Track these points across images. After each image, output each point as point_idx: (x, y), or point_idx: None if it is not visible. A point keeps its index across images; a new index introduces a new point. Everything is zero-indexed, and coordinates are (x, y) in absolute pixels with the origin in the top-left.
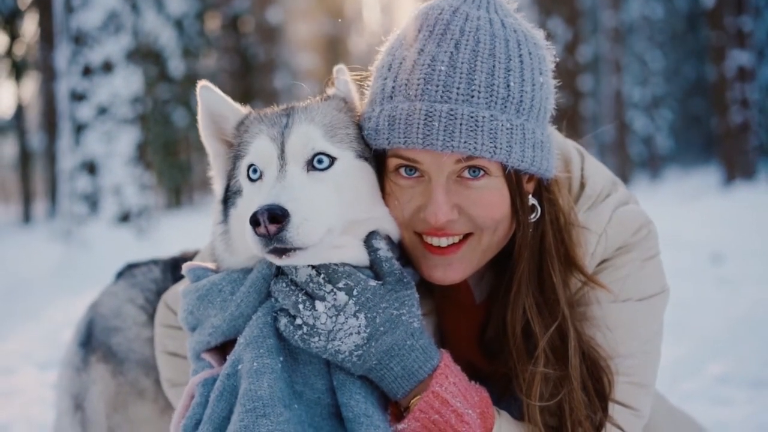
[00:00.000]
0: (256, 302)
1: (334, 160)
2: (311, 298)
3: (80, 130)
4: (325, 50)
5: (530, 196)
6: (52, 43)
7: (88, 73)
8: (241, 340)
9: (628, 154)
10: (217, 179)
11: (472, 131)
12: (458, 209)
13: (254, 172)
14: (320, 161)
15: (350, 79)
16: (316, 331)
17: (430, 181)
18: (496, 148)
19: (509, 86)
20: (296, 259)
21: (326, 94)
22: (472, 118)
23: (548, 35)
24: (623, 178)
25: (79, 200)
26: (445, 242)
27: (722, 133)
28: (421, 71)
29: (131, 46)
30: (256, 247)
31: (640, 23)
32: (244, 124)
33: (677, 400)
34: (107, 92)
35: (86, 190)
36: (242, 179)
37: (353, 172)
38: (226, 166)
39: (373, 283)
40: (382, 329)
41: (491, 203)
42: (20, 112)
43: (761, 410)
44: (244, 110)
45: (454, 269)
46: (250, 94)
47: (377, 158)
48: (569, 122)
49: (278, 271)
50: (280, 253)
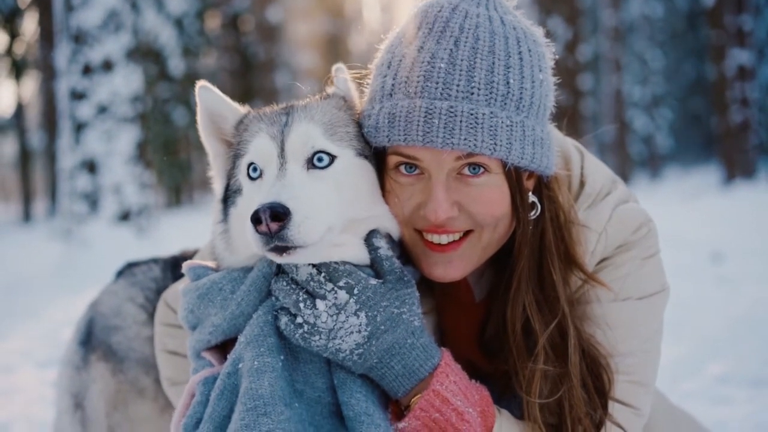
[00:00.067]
0: (256, 301)
1: (334, 158)
2: (312, 296)
3: (80, 128)
4: (325, 49)
5: (530, 193)
6: (52, 41)
7: (88, 71)
8: (241, 338)
9: (628, 153)
10: (216, 179)
11: (472, 128)
12: (458, 206)
13: (254, 170)
14: (320, 159)
15: (349, 77)
16: (316, 329)
17: (430, 178)
18: (496, 145)
19: (509, 83)
20: (297, 257)
21: (326, 92)
22: (471, 115)
23: (548, 34)
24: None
25: (79, 199)
26: (445, 239)
27: (722, 132)
28: (420, 68)
29: (131, 44)
30: (256, 245)
31: (640, 22)
32: (243, 123)
33: (677, 399)
34: (107, 91)
35: (86, 188)
36: (242, 178)
37: (353, 170)
38: (225, 165)
39: (373, 281)
40: (382, 328)
41: (491, 200)
42: (20, 110)
43: (761, 409)
44: (243, 109)
45: (454, 266)
46: (250, 93)
47: (377, 156)
48: (569, 121)
49: (279, 269)
50: (280, 251)
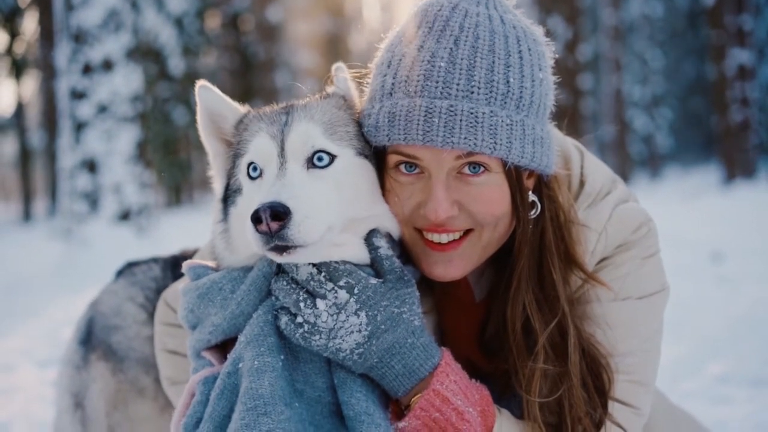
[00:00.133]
0: (256, 300)
1: (333, 157)
2: (312, 296)
3: (80, 128)
4: (325, 48)
5: (530, 192)
6: (52, 41)
7: (88, 71)
8: (241, 338)
9: (628, 152)
10: (216, 178)
11: (472, 127)
12: (458, 205)
13: (254, 170)
14: (320, 159)
15: (349, 77)
16: (317, 329)
17: (430, 177)
18: (496, 144)
19: (509, 82)
20: (297, 256)
21: (325, 92)
22: (472, 114)
23: (548, 33)
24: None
25: (79, 198)
26: (445, 239)
27: (722, 131)
28: (420, 68)
29: (131, 44)
30: (256, 244)
31: (640, 22)
32: (243, 122)
33: (677, 399)
34: (107, 90)
35: (86, 188)
36: (242, 177)
37: (353, 169)
38: (225, 164)
39: (373, 281)
40: (383, 327)
41: (491, 199)
42: (20, 110)
43: (761, 409)
44: (242, 109)
45: (454, 265)
46: (250, 92)
47: (377, 155)
48: (569, 121)
49: (279, 269)
50: (280, 250)
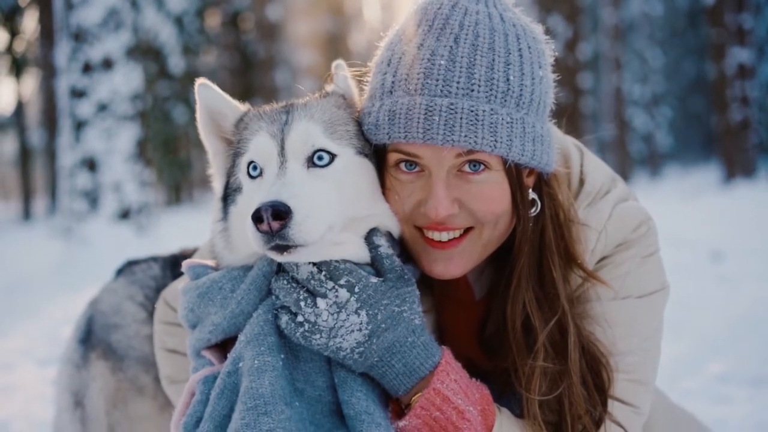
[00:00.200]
0: (256, 300)
1: (334, 156)
2: (312, 295)
3: (80, 126)
4: (325, 47)
5: (530, 190)
6: (52, 39)
7: (88, 69)
8: (241, 337)
9: (628, 151)
10: (216, 177)
11: (472, 125)
12: (459, 203)
13: (254, 169)
14: (320, 158)
15: (349, 74)
16: (317, 328)
17: (430, 175)
18: (496, 142)
19: (509, 80)
20: (297, 256)
21: (325, 90)
22: (472, 112)
23: (548, 32)
24: (623, 175)
25: (79, 197)
26: (445, 237)
27: (722, 130)
28: (420, 66)
29: (131, 43)
30: (257, 243)
31: (640, 20)
32: (243, 121)
33: (677, 398)
34: (107, 89)
35: (86, 187)
36: (242, 176)
37: (353, 168)
38: (225, 163)
39: (374, 280)
40: (383, 326)
41: (492, 197)
42: (20, 108)
43: (761, 408)
44: (242, 107)
45: (454, 263)
46: (250, 91)
47: (377, 153)
48: (569, 119)
49: (279, 268)
50: (281, 250)
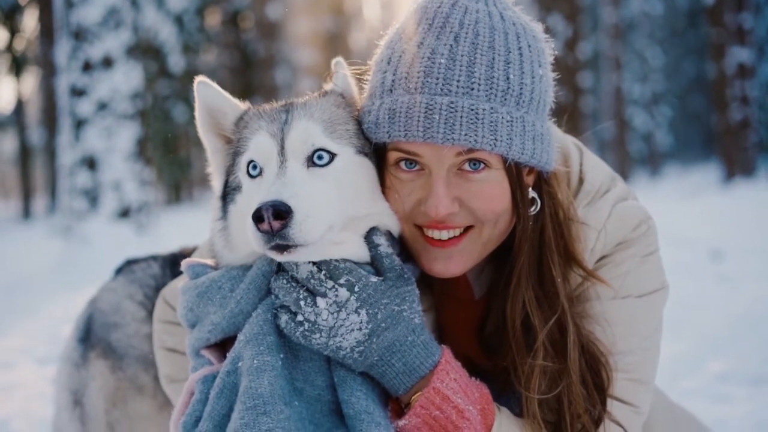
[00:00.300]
0: (255, 299)
1: (333, 156)
2: (312, 294)
3: (80, 125)
4: (325, 46)
5: (530, 189)
6: (52, 38)
7: (88, 68)
8: (241, 337)
9: (627, 151)
10: (215, 175)
11: (472, 124)
12: (459, 202)
13: (254, 168)
14: (320, 157)
15: (349, 72)
16: (317, 327)
17: (430, 174)
18: (496, 140)
19: (509, 79)
20: (297, 255)
21: (324, 89)
22: (472, 110)
23: (548, 31)
24: (623, 175)
25: (78, 196)
26: (445, 235)
27: (722, 130)
28: (420, 64)
29: (131, 41)
30: (257, 243)
31: (640, 20)
32: (243, 119)
33: (677, 397)
34: (107, 88)
35: (86, 185)
36: (242, 175)
37: (353, 168)
38: (225, 162)
39: (374, 279)
40: (383, 325)
41: (492, 196)
42: (20, 107)
43: (761, 407)
44: (242, 106)
45: (454, 262)
46: (250, 89)
47: (377, 152)
48: (569, 119)
49: (278, 267)
50: (281, 249)
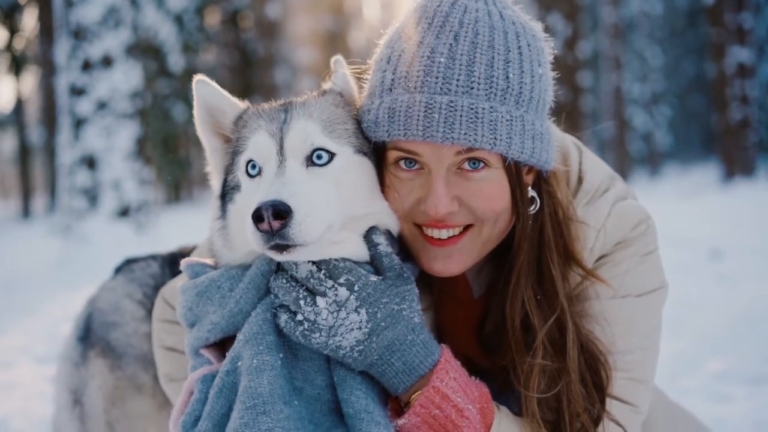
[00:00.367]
0: (254, 299)
1: (333, 155)
2: (312, 294)
3: (80, 124)
4: (324, 45)
5: (529, 188)
6: (51, 37)
7: (87, 67)
8: (240, 336)
9: (627, 150)
10: (214, 174)
11: (472, 123)
12: (458, 201)
13: (253, 167)
14: (319, 157)
15: (348, 71)
16: (317, 326)
17: (430, 173)
18: (496, 139)
19: (508, 78)
20: (296, 255)
21: (322, 88)
22: (471, 109)
23: (548, 31)
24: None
25: (78, 195)
26: (445, 234)
27: (722, 129)
28: (420, 63)
29: (131, 40)
30: (256, 242)
31: (639, 19)
32: (242, 118)
33: (676, 396)
34: (107, 87)
35: (85, 184)
36: (240, 175)
37: (352, 167)
38: (223, 161)
39: (373, 278)
40: (383, 324)
41: (491, 195)
42: (20, 106)
43: (760, 407)
44: (242, 105)
45: (454, 261)
46: (249, 89)
47: (377, 151)
48: (569, 118)
49: (277, 267)
50: (280, 249)
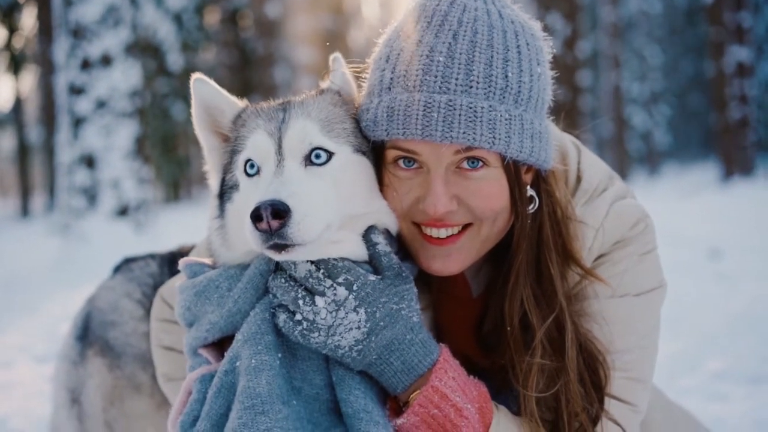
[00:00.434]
0: (253, 298)
1: (331, 155)
2: (311, 293)
3: (79, 123)
4: (324, 44)
5: (528, 187)
6: (50, 36)
7: (86, 66)
8: (238, 336)
9: (626, 149)
10: (212, 173)
11: (471, 122)
12: (457, 200)
13: (251, 167)
14: (318, 156)
15: (347, 70)
16: (316, 326)
17: (428, 172)
18: (495, 138)
19: (507, 77)
20: (295, 254)
21: (320, 87)
22: (470, 108)
23: (547, 30)
24: (621, 173)
25: (77, 194)
26: (444, 233)
27: (721, 128)
28: (419, 62)
29: (130, 39)
30: (255, 242)
31: (638, 18)
32: (241, 117)
33: (675, 395)
34: (106, 86)
35: (84, 183)
36: (239, 174)
37: (351, 166)
38: (222, 159)
39: (372, 277)
40: (381, 324)
41: (490, 194)
42: (19, 105)
43: (759, 406)
44: (240, 103)
45: (453, 260)
46: (249, 88)
47: (375, 150)
48: (568, 117)
49: (276, 266)
50: (279, 248)
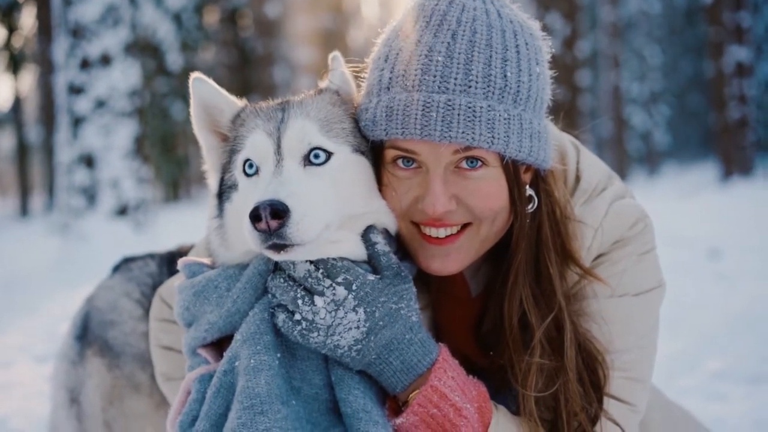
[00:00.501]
0: (252, 298)
1: (330, 155)
2: (310, 293)
3: (78, 123)
4: (323, 44)
5: (527, 186)
6: (50, 35)
7: (86, 66)
8: (237, 336)
9: (625, 149)
10: (211, 173)
11: (470, 121)
12: (456, 200)
13: (250, 167)
14: (317, 156)
15: (346, 69)
16: (315, 326)
17: (427, 171)
18: (494, 138)
19: (506, 76)
20: (294, 254)
21: (319, 87)
22: (469, 108)
23: (546, 30)
24: (621, 173)
25: (76, 193)
26: (443, 233)
27: (720, 128)
28: (418, 62)
29: (129, 39)
30: (254, 242)
31: (638, 18)
32: (240, 117)
33: (674, 395)
34: (105, 85)
35: (84, 183)
36: (238, 174)
37: (350, 166)
38: (221, 159)
39: (371, 277)
40: (381, 323)
41: (489, 194)
42: (18, 104)
43: (758, 406)
44: (239, 103)
45: (452, 259)
46: (248, 87)
47: (374, 149)
48: (568, 117)
49: (275, 266)
50: (278, 248)
